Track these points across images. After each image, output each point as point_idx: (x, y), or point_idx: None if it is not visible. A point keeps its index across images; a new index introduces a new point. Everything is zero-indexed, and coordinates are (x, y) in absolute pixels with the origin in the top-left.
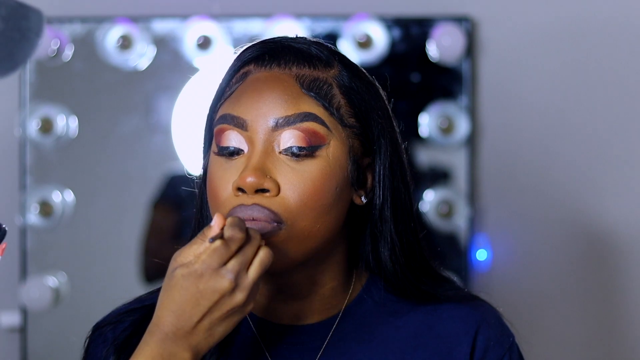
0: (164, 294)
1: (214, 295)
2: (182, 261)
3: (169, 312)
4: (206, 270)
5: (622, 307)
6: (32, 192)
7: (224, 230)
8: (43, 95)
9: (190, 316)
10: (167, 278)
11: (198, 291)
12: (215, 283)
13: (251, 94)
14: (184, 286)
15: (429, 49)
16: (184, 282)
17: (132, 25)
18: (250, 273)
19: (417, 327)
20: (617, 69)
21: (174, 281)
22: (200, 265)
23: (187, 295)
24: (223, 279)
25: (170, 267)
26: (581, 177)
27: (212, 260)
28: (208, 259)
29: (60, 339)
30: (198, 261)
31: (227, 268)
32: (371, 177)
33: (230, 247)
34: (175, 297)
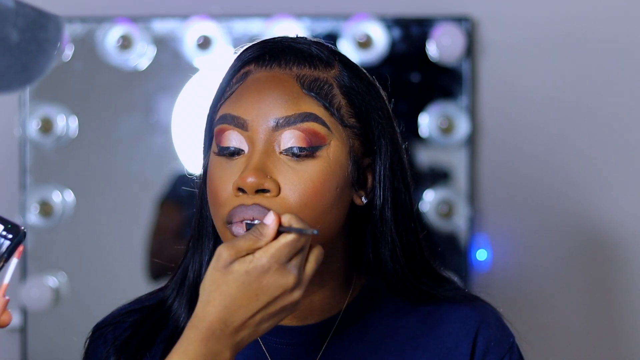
0: (214, 289)
1: (277, 290)
2: (236, 256)
3: (221, 308)
4: (273, 264)
5: (623, 307)
6: (32, 192)
7: (294, 223)
8: (43, 95)
9: (245, 311)
10: (217, 273)
11: (260, 286)
12: (280, 278)
13: (252, 94)
14: (246, 281)
15: (429, 49)
16: (246, 276)
17: (132, 25)
18: (307, 270)
19: (418, 327)
20: (617, 68)
21: (231, 276)
22: (268, 259)
23: (248, 290)
24: (289, 274)
25: (220, 262)
26: (581, 177)
27: (281, 254)
28: (277, 253)
29: (60, 339)
30: (265, 255)
31: (292, 264)
32: (371, 177)
33: (300, 242)
34: (231, 292)
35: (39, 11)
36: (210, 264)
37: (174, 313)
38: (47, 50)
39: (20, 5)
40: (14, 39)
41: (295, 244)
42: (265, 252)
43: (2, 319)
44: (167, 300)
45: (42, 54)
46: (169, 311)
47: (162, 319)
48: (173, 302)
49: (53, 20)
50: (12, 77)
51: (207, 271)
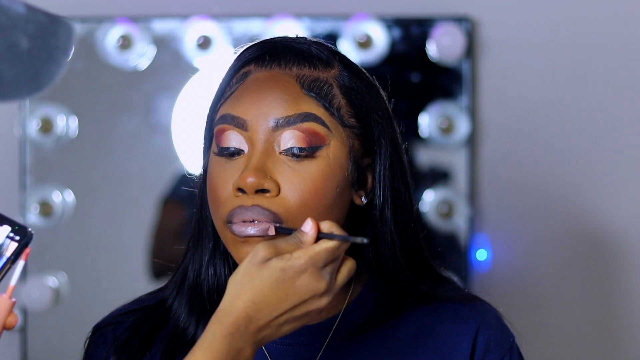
0: (246, 283)
1: (308, 293)
2: (274, 254)
3: (250, 303)
4: (310, 267)
5: (623, 307)
6: (32, 192)
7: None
8: (43, 95)
9: (272, 310)
10: (253, 266)
11: (293, 286)
12: (314, 282)
13: (251, 94)
14: (280, 278)
15: (429, 49)
16: (281, 273)
17: (132, 25)
18: (338, 279)
19: (418, 327)
20: (617, 68)
21: (267, 271)
22: (306, 261)
23: (280, 288)
24: (322, 280)
25: (258, 257)
26: (581, 177)
27: (320, 258)
28: (316, 256)
29: (60, 339)
30: (304, 256)
31: (327, 270)
32: (371, 177)
33: (337, 252)
34: (263, 288)
35: (51, 17)
36: (246, 258)
37: (173, 313)
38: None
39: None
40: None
41: (335, 252)
42: (304, 253)
43: (9, 321)
44: (167, 300)
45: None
46: (169, 311)
47: (162, 319)
48: (173, 302)
49: (64, 26)
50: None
51: (241, 264)
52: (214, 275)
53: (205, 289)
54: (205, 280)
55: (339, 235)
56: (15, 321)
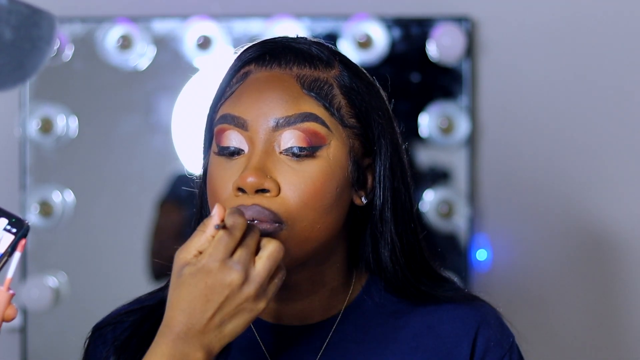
0: (172, 294)
1: (224, 289)
2: (186, 257)
3: (179, 312)
4: (213, 263)
5: (623, 307)
6: (32, 192)
7: (225, 219)
8: (43, 95)
9: (201, 313)
10: (173, 277)
11: (207, 287)
12: (224, 276)
13: (251, 93)
14: (192, 283)
15: (429, 49)
16: (192, 279)
17: (132, 25)
18: (258, 265)
19: (417, 327)
20: (617, 68)
21: (182, 279)
22: (207, 259)
23: (197, 292)
24: (231, 270)
25: (176, 266)
26: (581, 177)
27: (218, 252)
28: (214, 251)
29: (60, 339)
30: (204, 256)
31: (234, 259)
32: (371, 177)
33: (234, 234)
34: (184, 295)
35: (33, 8)
36: None
37: None
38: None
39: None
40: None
41: (227, 238)
42: (203, 254)
43: (7, 313)
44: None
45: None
46: None
47: (161, 319)
48: None
49: (46, 17)
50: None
51: None
52: None
53: None
54: None
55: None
56: (13, 314)
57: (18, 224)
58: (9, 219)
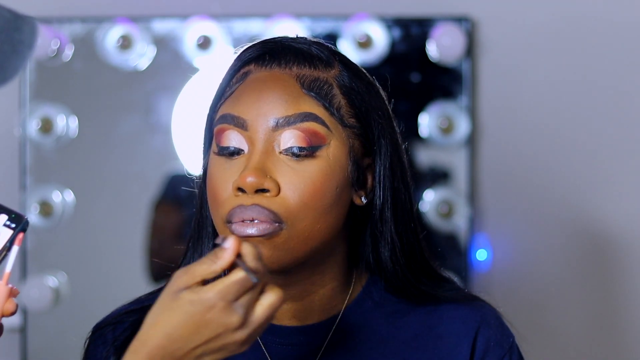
0: (160, 313)
1: (219, 328)
2: (188, 282)
3: (162, 334)
4: (220, 302)
5: (623, 307)
6: (32, 192)
7: (249, 260)
8: (43, 95)
9: (185, 343)
10: (167, 297)
11: (204, 320)
12: (225, 317)
13: (251, 93)
14: (190, 312)
15: (429, 49)
16: (190, 307)
17: (132, 25)
18: (258, 313)
19: (417, 327)
20: (617, 68)
21: (177, 303)
22: (214, 295)
23: (190, 322)
24: (234, 314)
25: (173, 286)
26: (581, 177)
27: (229, 292)
28: (225, 290)
29: (60, 339)
30: (212, 290)
31: (239, 303)
32: (371, 177)
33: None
34: (174, 320)
35: (14, 13)
36: (166, 285)
37: None
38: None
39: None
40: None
41: (245, 283)
42: (212, 287)
43: (6, 307)
44: None
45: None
46: None
47: None
48: None
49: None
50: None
51: (161, 293)
52: None
53: None
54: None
55: (245, 266)
56: (13, 308)
57: (17, 219)
58: (9, 214)
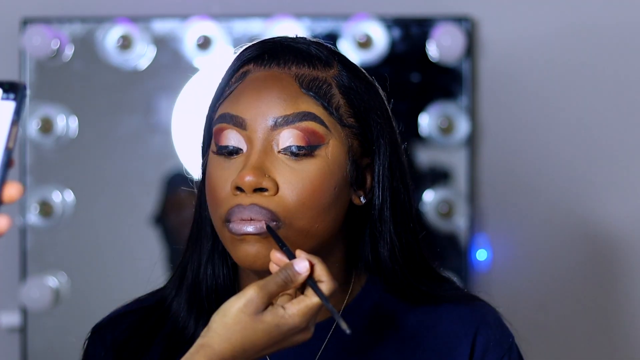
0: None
1: (293, 342)
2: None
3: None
4: (303, 325)
5: (623, 307)
6: (32, 192)
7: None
8: (43, 95)
9: (257, 352)
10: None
11: (284, 339)
12: (303, 335)
13: (250, 93)
14: (274, 332)
15: (429, 49)
16: (276, 329)
17: (132, 25)
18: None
19: (417, 327)
20: (618, 69)
21: (262, 325)
22: (301, 321)
23: (271, 340)
24: (309, 331)
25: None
26: (581, 177)
27: (312, 317)
28: (310, 313)
29: (60, 339)
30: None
31: (313, 322)
32: (370, 177)
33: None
34: (255, 339)
35: None
36: (238, 303)
37: (172, 313)
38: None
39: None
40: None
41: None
42: (299, 312)
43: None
44: (166, 300)
45: None
46: (167, 311)
47: (160, 319)
48: (172, 302)
49: None
50: None
51: (233, 308)
52: (212, 275)
53: (203, 289)
54: (204, 280)
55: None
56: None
57: (13, 88)
58: (2, 87)
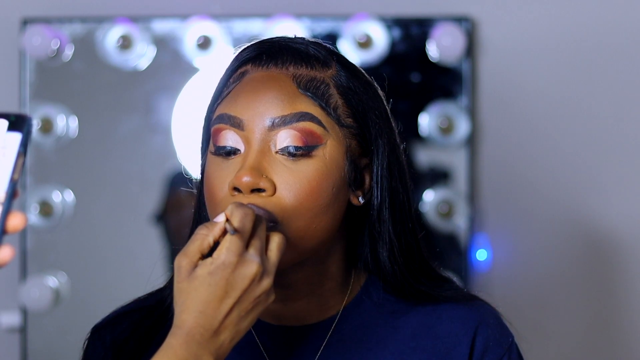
0: (184, 297)
1: (244, 281)
2: (192, 260)
3: (195, 314)
4: (232, 257)
5: (622, 307)
6: (32, 192)
7: (232, 217)
8: (43, 95)
9: (219, 311)
10: (183, 282)
11: (227, 283)
12: (245, 269)
13: (248, 93)
14: (212, 282)
15: (429, 49)
16: (211, 278)
17: (132, 25)
18: (270, 258)
19: (416, 327)
20: (617, 69)
21: (197, 281)
22: (226, 255)
23: (216, 290)
24: (252, 263)
25: (182, 270)
26: (581, 177)
27: (237, 247)
28: (232, 246)
29: (60, 339)
30: (221, 252)
31: (250, 252)
32: (369, 177)
33: (246, 226)
34: (201, 296)
35: None
36: (174, 278)
37: (172, 313)
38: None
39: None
40: None
41: (245, 235)
42: (219, 251)
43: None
44: (166, 301)
45: None
46: (167, 311)
47: (160, 320)
48: (171, 303)
49: None
50: None
51: (174, 285)
52: None
53: None
54: None
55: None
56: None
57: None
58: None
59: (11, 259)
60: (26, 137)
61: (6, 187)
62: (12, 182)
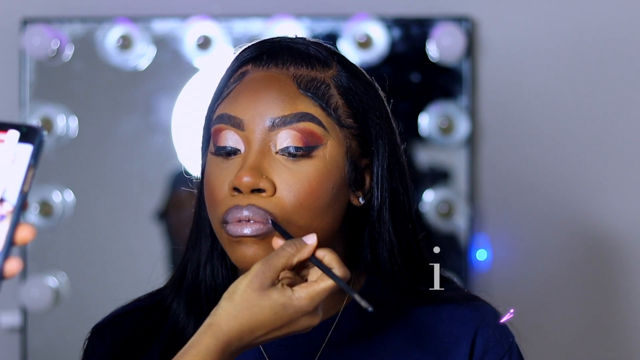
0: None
1: (301, 327)
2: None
3: (246, 328)
4: (310, 309)
5: (623, 307)
6: (32, 192)
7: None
8: (43, 95)
9: (264, 333)
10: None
11: (291, 321)
12: (310, 320)
13: (248, 93)
14: (279, 312)
15: (429, 49)
16: (282, 309)
17: (132, 25)
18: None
19: (416, 328)
20: (618, 69)
21: (268, 302)
22: (308, 304)
23: (276, 322)
24: (317, 318)
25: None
26: (581, 177)
27: (321, 300)
28: (317, 298)
29: (60, 339)
30: (306, 299)
31: (320, 307)
32: (369, 178)
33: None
34: (261, 318)
35: None
36: (245, 280)
37: (172, 313)
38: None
39: None
40: None
41: (332, 290)
42: (307, 296)
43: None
44: (166, 301)
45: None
46: (167, 311)
47: (160, 320)
48: (172, 303)
49: None
50: None
51: (241, 285)
52: (211, 276)
53: (202, 289)
54: (203, 280)
55: (333, 275)
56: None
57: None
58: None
59: (19, 271)
60: (37, 149)
61: (16, 199)
62: (22, 194)
